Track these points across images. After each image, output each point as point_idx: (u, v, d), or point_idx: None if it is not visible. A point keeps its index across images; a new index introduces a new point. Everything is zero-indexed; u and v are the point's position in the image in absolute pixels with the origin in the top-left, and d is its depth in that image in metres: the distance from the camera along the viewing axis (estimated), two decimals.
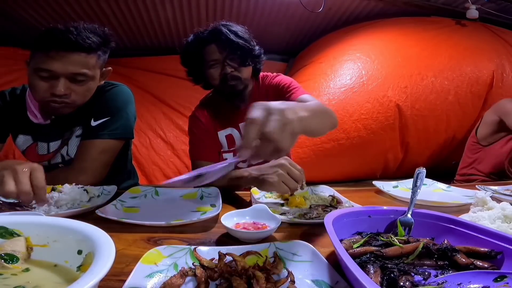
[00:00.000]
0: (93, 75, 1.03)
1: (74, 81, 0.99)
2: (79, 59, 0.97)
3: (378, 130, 2.56)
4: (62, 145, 1.14)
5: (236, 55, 1.15)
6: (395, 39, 2.85)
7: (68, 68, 0.96)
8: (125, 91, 1.18)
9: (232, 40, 1.13)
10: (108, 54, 1.09)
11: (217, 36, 1.14)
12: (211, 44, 1.16)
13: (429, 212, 0.62)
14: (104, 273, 0.32)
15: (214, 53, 1.16)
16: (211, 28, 1.17)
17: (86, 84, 1.02)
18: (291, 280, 0.45)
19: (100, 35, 1.03)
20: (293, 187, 0.84)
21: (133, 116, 1.17)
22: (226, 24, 1.17)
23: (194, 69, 1.25)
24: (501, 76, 2.67)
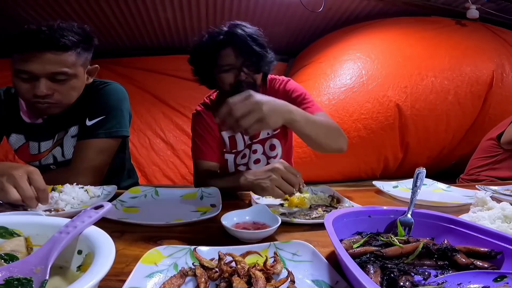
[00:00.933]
0: (75, 73, 1.01)
1: (55, 80, 0.98)
2: (56, 58, 0.95)
3: (378, 130, 2.56)
4: (54, 146, 1.13)
5: (253, 62, 1.10)
6: (395, 39, 2.86)
7: (45, 68, 0.94)
8: (118, 89, 1.17)
9: (250, 45, 1.08)
10: (91, 52, 1.07)
11: (235, 40, 1.09)
12: (227, 47, 1.10)
13: (429, 212, 0.62)
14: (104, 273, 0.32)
15: (229, 58, 1.10)
16: (227, 29, 1.11)
17: (69, 82, 1.00)
18: (291, 280, 0.45)
19: (78, 33, 1.00)
20: (287, 191, 0.82)
21: (128, 113, 1.17)
22: (243, 26, 1.12)
23: (203, 70, 1.19)
24: (501, 76, 2.67)
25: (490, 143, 1.91)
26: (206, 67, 1.16)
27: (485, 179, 1.77)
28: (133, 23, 3.10)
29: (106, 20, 2.98)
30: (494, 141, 1.89)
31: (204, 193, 0.94)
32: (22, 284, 0.35)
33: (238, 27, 1.10)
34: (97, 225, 0.43)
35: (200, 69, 1.20)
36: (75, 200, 0.80)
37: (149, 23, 3.12)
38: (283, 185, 0.82)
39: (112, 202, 0.80)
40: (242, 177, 0.94)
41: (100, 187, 0.93)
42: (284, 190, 0.82)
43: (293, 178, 0.83)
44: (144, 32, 3.32)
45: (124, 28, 3.19)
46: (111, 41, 3.37)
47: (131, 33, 3.31)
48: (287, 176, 0.83)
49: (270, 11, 3.00)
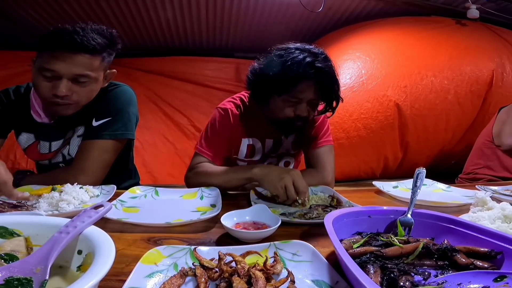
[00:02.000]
0: (96, 77, 1.02)
1: (76, 82, 0.99)
2: (83, 61, 0.96)
3: (377, 130, 2.56)
4: (64, 145, 1.14)
5: (328, 102, 1.08)
6: (395, 38, 2.85)
7: (71, 69, 0.95)
8: (127, 92, 1.17)
9: (334, 86, 1.04)
10: (113, 56, 1.08)
11: (321, 77, 1.00)
12: (309, 80, 1.01)
13: (429, 212, 0.62)
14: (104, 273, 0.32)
15: (305, 93, 1.03)
16: (316, 61, 1.00)
17: (89, 85, 1.02)
18: (291, 280, 0.45)
19: (107, 37, 1.02)
20: (291, 196, 0.87)
21: (134, 116, 1.17)
22: (329, 61, 1.04)
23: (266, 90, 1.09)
24: (501, 75, 2.67)
25: (484, 140, 1.92)
26: (271, 90, 1.07)
27: (483, 178, 1.77)
28: (133, 23, 3.10)
29: (106, 20, 2.98)
30: (488, 138, 1.90)
31: (204, 193, 0.94)
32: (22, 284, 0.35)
33: (325, 62, 1.02)
34: (97, 225, 0.43)
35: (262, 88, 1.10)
36: (75, 200, 0.80)
37: (149, 23, 3.12)
38: (290, 189, 0.87)
39: (112, 202, 0.80)
40: (256, 168, 0.98)
41: (98, 187, 0.93)
42: (289, 194, 0.87)
43: (301, 187, 0.87)
44: (144, 33, 3.32)
45: (125, 28, 3.18)
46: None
47: (132, 33, 3.31)
48: (297, 184, 0.87)
49: (270, 11, 3.00)
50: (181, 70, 3.58)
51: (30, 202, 0.78)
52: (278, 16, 3.07)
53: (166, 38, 3.50)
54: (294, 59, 1.00)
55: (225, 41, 3.65)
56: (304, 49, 1.04)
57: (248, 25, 3.25)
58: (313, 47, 1.07)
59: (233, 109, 1.19)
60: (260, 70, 1.10)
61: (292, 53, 1.02)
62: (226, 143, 1.18)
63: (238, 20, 3.16)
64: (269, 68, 1.05)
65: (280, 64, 1.02)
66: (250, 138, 1.21)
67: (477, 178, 1.80)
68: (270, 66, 1.06)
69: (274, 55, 1.07)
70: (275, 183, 0.88)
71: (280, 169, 0.96)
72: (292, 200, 0.87)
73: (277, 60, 1.04)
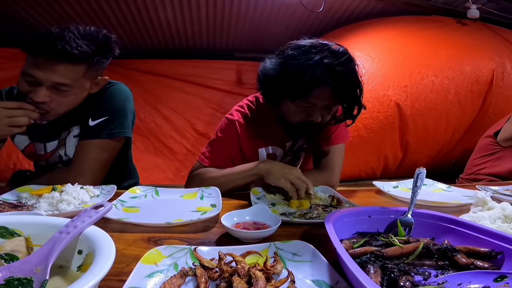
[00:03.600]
0: (79, 86, 0.98)
1: (56, 90, 0.95)
2: (64, 70, 0.92)
3: (378, 129, 2.56)
4: (60, 145, 1.14)
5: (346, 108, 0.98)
6: (395, 38, 2.85)
7: (50, 77, 0.92)
8: (123, 90, 1.16)
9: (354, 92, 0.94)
10: (107, 63, 1.04)
11: (339, 80, 0.90)
12: (326, 85, 0.91)
13: (429, 212, 0.62)
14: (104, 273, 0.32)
15: (321, 98, 0.94)
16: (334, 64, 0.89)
17: (70, 94, 0.98)
18: (291, 280, 0.45)
19: (99, 43, 0.97)
20: (299, 184, 0.89)
21: (131, 114, 1.16)
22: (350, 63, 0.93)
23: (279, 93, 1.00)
24: (502, 75, 2.67)
25: (488, 141, 1.91)
26: (283, 95, 0.98)
27: (484, 178, 1.77)
28: (133, 23, 3.10)
29: (106, 20, 2.98)
30: (491, 139, 1.89)
31: (204, 193, 0.94)
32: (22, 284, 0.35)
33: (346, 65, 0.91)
34: (97, 225, 0.43)
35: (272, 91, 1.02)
36: (76, 200, 0.80)
37: (150, 24, 3.12)
38: (296, 180, 0.90)
39: (112, 202, 0.80)
40: (261, 164, 0.99)
41: (99, 187, 0.93)
42: (296, 184, 0.89)
43: (305, 180, 0.91)
44: (144, 33, 3.32)
45: (125, 29, 3.19)
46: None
47: (132, 34, 3.31)
48: (301, 178, 0.91)
49: (270, 11, 3.00)
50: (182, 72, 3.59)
51: (30, 202, 0.78)
52: (278, 16, 3.07)
53: (166, 39, 3.50)
54: (309, 61, 0.89)
55: (225, 41, 3.65)
56: (322, 48, 0.93)
57: (248, 25, 3.25)
58: (334, 44, 0.96)
59: (241, 119, 1.12)
60: (272, 71, 0.99)
61: (307, 54, 0.91)
62: (232, 155, 1.13)
63: (238, 20, 3.16)
64: (282, 70, 0.96)
65: (294, 66, 0.91)
66: (269, 147, 1.16)
67: (478, 178, 1.79)
68: (282, 67, 0.96)
69: (286, 55, 0.95)
70: (281, 176, 0.91)
71: (283, 164, 0.98)
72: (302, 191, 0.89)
73: (290, 62, 0.93)
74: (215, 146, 1.13)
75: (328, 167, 1.14)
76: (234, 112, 1.16)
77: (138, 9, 2.85)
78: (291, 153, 1.24)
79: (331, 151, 1.16)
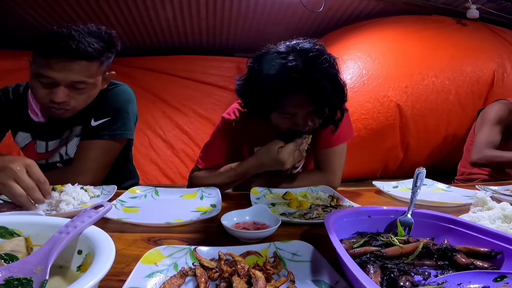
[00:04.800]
0: (94, 82, 1.01)
1: (74, 88, 0.97)
2: (80, 67, 0.94)
3: (378, 130, 2.56)
4: (61, 145, 1.14)
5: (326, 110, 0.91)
6: (396, 38, 2.85)
7: (68, 76, 0.93)
8: (126, 91, 1.17)
9: (329, 94, 0.85)
10: (112, 59, 1.07)
11: (311, 87, 0.83)
12: (298, 93, 0.85)
13: (429, 212, 0.62)
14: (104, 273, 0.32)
15: (298, 106, 0.89)
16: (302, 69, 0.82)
17: (87, 91, 1.01)
18: (291, 280, 0.45)
19: (105, 40, 1.00)
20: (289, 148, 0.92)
21: (134, 116, 1.16)
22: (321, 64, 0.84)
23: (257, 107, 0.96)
24: (502, 75, 2.67)
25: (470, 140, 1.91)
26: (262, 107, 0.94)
27: (477, 178, 1.77)
28: (133, 22, 3.10)
29: (106, 20, 2.98)
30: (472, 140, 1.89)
31: (204, 193, 0.94)
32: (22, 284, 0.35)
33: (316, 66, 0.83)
34: (97, 225, 0.43)
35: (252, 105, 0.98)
36: (75, 200, 0.80)
37: (149, 23, 3.12)
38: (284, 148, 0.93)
39: (112, 202, 0.80)
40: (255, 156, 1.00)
41: (99, 187, 0.93)
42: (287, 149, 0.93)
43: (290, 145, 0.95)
44: (144, 32, 3.33)
45: (124, 27, 3.19)
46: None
47: (131, 32, 3.31)
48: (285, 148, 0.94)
49: (270, 11, 3.00)
50: (181, 68, 3.59)
51: None
52: (278, 16, 3.07)
53: (166, 38, 3.50)
54: (275, 68, 0.83)
55: (225, 41, 3.65)
56: (288, 50, 0.87)
57: (248, 25, 3.25)
58: (306, 42, 0.90)
59: (238, 119, 1.10)
60: (242, 90, 0.97)
61: (273, 60, 0.85)
62: (230, 154, 1.12)
63: (238, 20, 3.16)
64: (251, 83, 0.92)
65: (261, 77, 0.87)
66: None
67: (472, 178, 1.79)
68: (249, 84, 0.93)
69: (254, 65, 0.91)
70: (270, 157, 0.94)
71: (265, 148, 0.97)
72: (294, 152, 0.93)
73: (257, 73, 0.88)
74: (211, 147, 1.14)
75: (329, 168, 1.13)
76: (231, 111, 1.16)
77: (138, 9, 2.85)
78: None
79: (332, 153, 1.14)
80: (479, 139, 1.70)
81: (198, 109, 3.52)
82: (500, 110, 1.72)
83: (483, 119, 1.76)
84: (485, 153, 1.64)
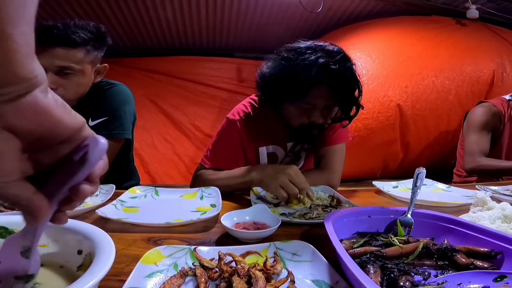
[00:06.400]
0: (81, 69, 1.03)
1: (61, 74, 1.00)
2: (64, 53, 0.98)
3: (378, 130, 2.56)
4: None
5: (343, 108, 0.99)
6: (396, 38, 2.85)
7: (53, 62, 0.97)
8: (123, 91, 1.16)
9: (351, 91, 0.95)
10: (102, 51, 1.09)
11: (336, 79, 0.90)
12: (323, 85, 0.92)
13: (429, 212, 0.62)
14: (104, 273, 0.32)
15: (319, 98, 0.95)
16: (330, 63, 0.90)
17: (74, 78, 1.03)
18: (291, 280, 0.45)
19: (92, 31, 1.03)
20: (291, 191, 0.84)
21: (132, 116, 1.16)
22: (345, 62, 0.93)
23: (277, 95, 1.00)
24: (502, 75, 2.68)
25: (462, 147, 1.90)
26: (282, 97, 0.99)
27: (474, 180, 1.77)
28: (133, 23, 3.11)
29: (106, 20, 2.98)
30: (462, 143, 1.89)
31: (204, 193, 0.94)
32: None
33: (341, 63, 0.92)
34: (97, 225, 0.43)
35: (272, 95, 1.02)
36: None
37: (149, 23, 3.13)
38: (288, 186, 0.84)
39: (112, 202, 0.80)
40: (253, 172, 0.95)
41: None
42: (289, 191, 0.84)
43: (300, 183, 0.85)
44: (144, 33, 3.33)
45: (125, 28, 3.19)
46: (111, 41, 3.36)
47: (131, 33, 3.31)
48: (295, 181, 0.85)
49: (270, 11, 3.00)
50: (182, 69, 3.59)
51: None
52: (278, 16, 3.07)
53: (166, 38, 3.50)
54: (305, 61, 0.91)
55: (225, 41, 3.65)
56: (316, 48, 0.94)
57: (248, 25, 3.25)
58: (328, 44, 0.98)
59: (243, 119, 1.12)
60: (269, 75, 1.01)
61: (302, 55, 0.93)
62: (234, 155, 1.12)
63: (238, 20, 3.16)
64: (278, 73, 0.97)
65: (289, 68, 0.93)
66: (269, 146, 1.16)
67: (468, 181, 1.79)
68: (279, 70, 0.97)
69: (283, 58, 0.97)
70: (271, 185, 0.86)
71: (276, 168, 0.91)
72: (294, 197, 0.85)
73: (286, 64, 0.94)
74: (217, 148, 1.14)
75: (329, 167, 1.13)
76: (236, 111, 1.16)
77: (138, 9, 2.86)
78: (292, 154, 1.23)
79: (332, 151, 1.15)
80: (469, 147, 1.71)
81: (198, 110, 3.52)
82: (484, 115, 1.72)
83: (469, 124, 1.77)
84: (478, 162, 1.65)
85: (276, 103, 1.04)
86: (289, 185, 0.84)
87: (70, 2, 2.68)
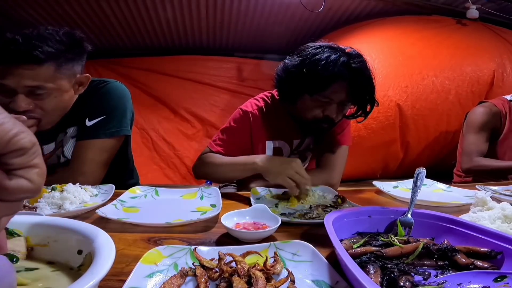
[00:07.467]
0: (56, 88, 0.93)
1: (34, 95, 0.90)
2: (31, 72, 0.87)
3: (378, 130, 2.56)
4: (57, 147, 1.13)
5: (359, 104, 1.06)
6: (396, 37, 2.85)
7: (20, 82, 0.87)
8: (119, 87, 1.14)
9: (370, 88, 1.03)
10: (81, 60, 1.00)
11: (357, 78, 0.99)
12: (343, 81, 0.99)
13: (429, 212, 0.62)
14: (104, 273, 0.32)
15: (338, 93, 1.01)
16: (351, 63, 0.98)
17: (50, 97, 0.93)
18: (291, 280, 0.45)
19: (62, 42, 0.92)
20: (299, 180, 0.88)
21: (129, 112, 1.14)
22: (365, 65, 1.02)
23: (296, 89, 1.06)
24: (502, 75, 2.67)
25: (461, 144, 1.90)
26: (303, 89, 1.04)
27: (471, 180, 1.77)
28: (133, 23, 3.10)
29: (106, 20, 2.98)
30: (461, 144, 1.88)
31: (204, 193, 0.94)
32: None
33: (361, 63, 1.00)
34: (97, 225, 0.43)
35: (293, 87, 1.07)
36: (77, 199, 0.80)
37: (149, 23, 3.12)
38: (296, 176, 0.89)
39: (112, 202, 0.80)
40: (259, 160, 0.98)
41: (96, 186, 0.93)
42: (296, 180, 0.88)
43: (304, 174, 0.90)
44: (144, 32, 3.33)
45: (125, 28, 3.19)
46: (111, 41, 3.37)
47: (132, 33, 3.31)
48: (301, 172, 0.90)
49: (270, 11, 3.00)
50: (182, 69, 3.59)
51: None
52: (278, 16, 3.07)
53: (166, 38, 3.50)
54: (329, 57, 0.98)
55: (225, 41, 3.65)
56: (337, 48, 1.02)
57: (248, 25, 3.25)
58: (347, 48, 1.05)
59: (255, 111, 1.17)
60: (292, 68, 1.06)
61: (325, 52, 1.00)
62: (241, 144, 1.16)
63: (238, 20, 3.16)
64: (302, 66, 1.02)
65: (314, 62, 0.99)
66: (276, 140, 1.19)
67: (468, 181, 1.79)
68: (303, 64, 1.03)
69: (307, 53, 1.03)
70: (279, 175, 0.90)
71: (281, 160, 0.98)
72: (301, 183, 0.88)
73: (311, 59, 1.01)
74: (226, 134, 1.17)
75: (329, 165, 1.16)
76: (249, 104, 1.21)
77: (138, 9, 2.85)
78: (298, 153, 1.25)
79: (335, 151, 1.18)
80: (467, 147, 1.72)
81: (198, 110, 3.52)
82: (484, 115, 1.73)
83: (468, 124, 1.78)
84: (475, 162, 1.67)
85: (294, 96, 1.09)
86: (296, 175, 0.88)
87: (70, 2, 2.68)
